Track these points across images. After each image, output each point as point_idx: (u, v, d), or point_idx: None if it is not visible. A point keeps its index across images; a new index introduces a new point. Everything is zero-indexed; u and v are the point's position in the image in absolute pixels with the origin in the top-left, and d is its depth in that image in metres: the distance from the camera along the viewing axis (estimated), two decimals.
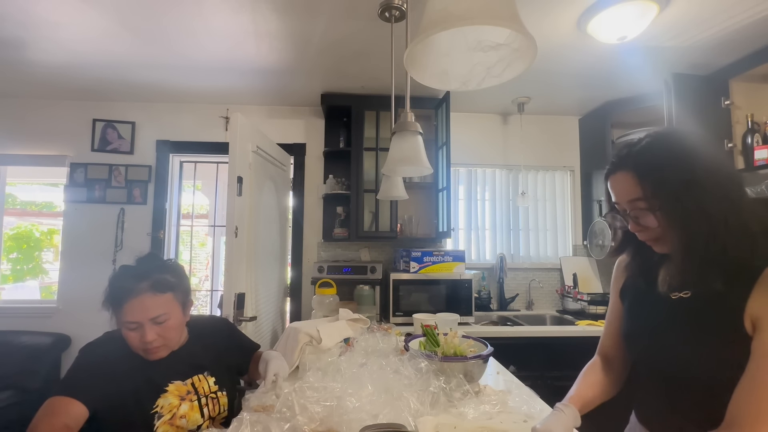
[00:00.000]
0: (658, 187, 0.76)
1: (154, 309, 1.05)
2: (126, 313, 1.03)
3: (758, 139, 2.04)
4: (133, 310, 1.03)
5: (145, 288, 1.04)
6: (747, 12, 1.74)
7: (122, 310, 1.03)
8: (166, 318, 1.07)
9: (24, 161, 2.85)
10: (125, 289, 1.04)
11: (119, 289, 1.04)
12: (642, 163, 0.79)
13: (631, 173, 0.80)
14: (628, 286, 0.98)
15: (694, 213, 0.73)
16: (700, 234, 0.73)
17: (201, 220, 4.05)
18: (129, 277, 1.06)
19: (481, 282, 2.92)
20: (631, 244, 0.92)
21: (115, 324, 1.08)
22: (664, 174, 0.76)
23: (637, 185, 0.79)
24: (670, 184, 0.75)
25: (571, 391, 0.96)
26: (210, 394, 1.16)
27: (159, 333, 1.06)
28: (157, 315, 1.05)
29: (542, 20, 1.82)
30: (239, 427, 0.92)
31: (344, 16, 1.81)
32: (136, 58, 2.24)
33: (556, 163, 3.16)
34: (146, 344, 1.04)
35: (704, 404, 0.79)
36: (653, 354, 0.87)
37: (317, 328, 1.57)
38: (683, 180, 0.74)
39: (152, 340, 1.04)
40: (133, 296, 1.03)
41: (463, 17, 0.60)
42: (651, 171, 0.78)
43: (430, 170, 1.42)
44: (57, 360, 2.66)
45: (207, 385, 1.17)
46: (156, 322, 1.05)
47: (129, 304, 1.03)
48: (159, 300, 1.06)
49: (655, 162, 0.78)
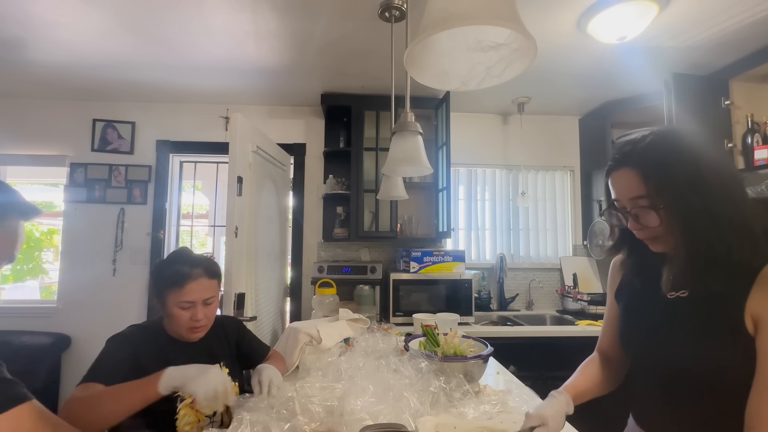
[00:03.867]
0: (662, 185, 0.76)
1: (207, 291, 1.19)
2: (185, 293, 1.15)
3: (758, 139, 2.04)
4: (192, 290, 1.15)
5: (200, 273, 1.18)
6: (747, 12, 1.74)
7: (182, 290, 1.14)
8: (213, 300, 1.22)
9: (24, 161, 2.85)
10: (184, 273, 1.16)
11: (179, 272, 1.16)
12: (646, 161, 0.78)
13: (634, 170, 0.79)
14: (624, 286, 0.98)
15: (699, 212, 0.72)
16: (705, 234, 0.72)
17: (201, 220, 4.05)
18: (185, 263, 1.19)
19: (481, 282, 2.92)
20: (628, 243, 0.92)
21: (160, 305, 1.18)
22: (669, 172, 0.75)
23: (641, 183, 0.78)
24: (675, 182, 0.74)
25: (568, 381, 0.99)
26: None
27: (206, 314, 1.19)
28: (208, 296, 1.19)
29: (542, 20, 1.82)
30: (239, 426, 0.92)
31: (344, 16, 1.81)
32: (136, 58, 2.24)
33: (556, 163, 3.16)
34: (196, 322, 1.17)
35: (702, 405, 0.79)
36: (650, 354, 0.87)
37: (317, 328, 1.57)
38: (688, 179, 0.74)
39: (202, 318, 1.18)
40: (192, 279, 1.16)
41: (463, 17, 0.60)
42: (655, 169, 0.77)
43: (430, 170, 1.42)
44: (57, 360, 2.66)
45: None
46: (206, 303, 1.19)
47: (189, 286, 1.15)
48: (210, 284, 1.21)
49: (660, 160, 0.77)
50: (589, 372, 1.01)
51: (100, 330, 1.16)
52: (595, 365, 1.02)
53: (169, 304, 1.16)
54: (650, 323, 0.87)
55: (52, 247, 3.95)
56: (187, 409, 1.08)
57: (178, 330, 1.19)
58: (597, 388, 0.99)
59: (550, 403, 0.89)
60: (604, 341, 1.05)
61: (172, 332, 1.23)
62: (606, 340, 1.05)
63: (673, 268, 0.79)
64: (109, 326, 1.15)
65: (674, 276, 0.80)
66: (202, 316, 1.18)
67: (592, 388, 0.98)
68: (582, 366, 1.04)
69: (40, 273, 3.90)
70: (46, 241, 3.93)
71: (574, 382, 0.98)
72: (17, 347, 2.54)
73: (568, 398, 0.91)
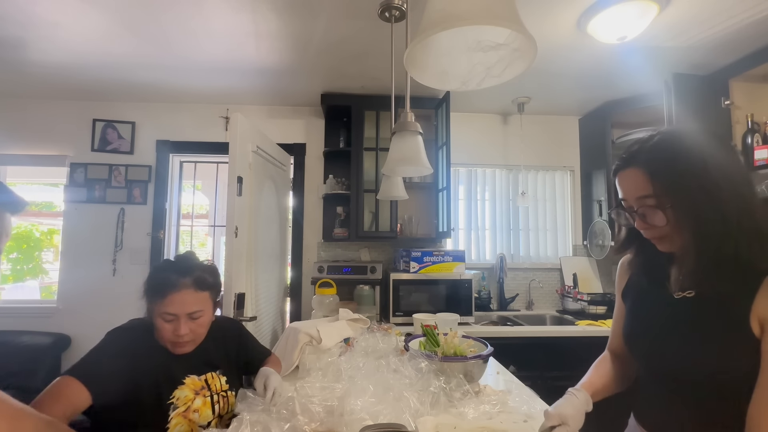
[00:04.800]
0: (670, 184, 0.75)
1: (193, 305, 1.10)
2: (166, 305, 1.07)
3: (758, 139, 2.04)
4: (173, 302, 1.07)
5: (187, 284, 1.09)
6: (747, 12, 1.74)
7: (163, 301, 1.07)
8: (201, 315, 1.12)
9: (24, 161, 2.85)
10: (169, 282, 1.08)
11: (163, 281, 1.09)
12: (654, 160, 0.78)
13: (641, 170, 0.79)
14: (631, 285, 0.98)
15: (708, 212, 0.72)
16: (713, 234, 0.72)
17: (201, 220, 4.05)
18: (173, 271, 1.10)
19: (481, 282, 2.92)
20: (635, 243, 0.91)
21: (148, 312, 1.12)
22: (676, 171, 0.75)
23: (648, 182, 0.78)
24: (683, 182, 0.74)
25: (584, 378, 0.98)
26: (221, 392, 1.18)
27: (192, 328, 1.11)
28: (194, 311, 1.10)
29: (542, 20, 1.82)
30: (239, 427, 0.92)
31: (344, 16, 1.81)
32: (136, 58, 2.24)
33: (556, 163, 3.16)
34: (178, 337, 1.08)
35: (705, 405, 0.79)
36: (654, 354, 0.86)
37: (317, 328, 1.57)
38: (697, 178, 0.73)
39: (185, 333, 1.09)
40: (176, 290, 1.08)
41: (463, 17, 0.60)
42: (663, 168, 0.76)
43: (430, 170, 1.42)
44: (57, 360, 2.65)
45: (219, 383, 1.19)
46: (191, 318, 1.10)
47: (171, 297, 1.07)
48: (198, 297, 1.11)
49: (667, 159, 0.77)
50: (604, 370, 1.00)
51: (100, 330, 1.15)
52: (609, 363, 1.02)
53: (153, 313, 1.10)
54: (655, 323, 0.87)
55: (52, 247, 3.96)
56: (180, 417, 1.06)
57: (163, 342, 1.12)
58: (612, 385, 0.98)
59: (571, 402, 0.86)
60: (614, 340, 1.05)
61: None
62: (616, 339, 1.04)
63: (682, 268, 0.79)
64: (109, 326, 1.13)
65: (683, 276, 0.79)
66: (185, 331, 1.08)
67: (608, 385, 0.98)
68: (596, 364, 1.03)
69: (40, 273, 3.90)
70: (46, 241, 3.93)
71: (590, 379, 0.97)
72: (17, 347, 2.54)
73: (587, 396, 0.89)
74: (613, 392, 0.98)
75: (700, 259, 0.74)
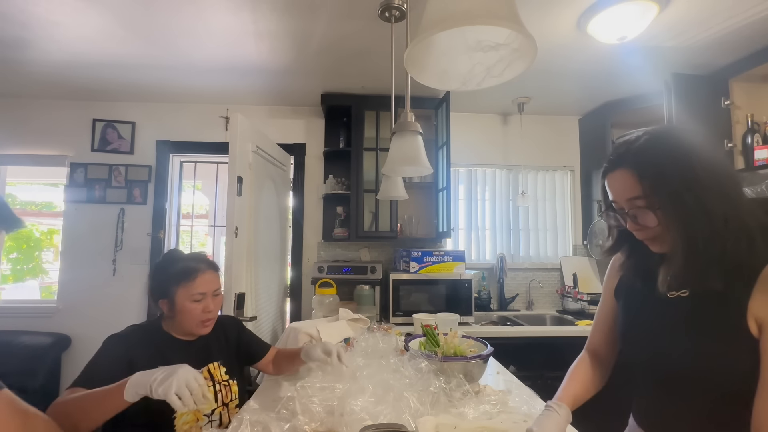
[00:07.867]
0: (658, 185, 0.75)
1: (215, 283, 1.26)
2: (197, 286, 1.19)
3: (758, 139, 2.04)
4: (203, 282, 1.21)
5: (206, 266, 1.24)
6: (747, 12, 1.74)
7: (194, 283, 1.19)
8: (220, 292, 1.28)
9: (24, 161, 2.85)
10: (192, 267, 1.21)
11: (188, 267, 1.21)
12: (641, 161, 0.78)
13: (630, 171, 0.79)
14: (624, 285, 0.98)
15: (695, 212, 0.72)
16: (701, 233, 0.72)
17: (201, 220, 4.04)
18: (189, 259, 1.24)
19: (481, 282, 2.92)
20: (627, 243, 0.91)
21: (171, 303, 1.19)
22: (664, 172, 0.75)
23: (636, 183, 0.78)
24: (671, 182, 0.74)
25: (561, 389, 0.96)
26: (222, 381, 1.25)
27: (215, 305, 1.25)
28: (216, 288, 1.25)
29: (542, 20, 1.82)
30: (239, 426, 0.92)
31: (344, 16, 1.81)
32: (136, 58, 2.24)
33: (556, 163, 3.16)
34: (209, 313, 1.21)
35: (703, 405, 0.79)
36: (651, 354, 0.86)
37: (317, 328, 1.57)
38: (684, 178, 0.73)
39: (214, 308, 1.23)
40: (201, 272, 1.22)
41: (463, 17, 0.60)
42: (650, 169, 0.77)
43: (430, 170, 1.42)
44: (57, 360, 2.66)
45: (219, 373, 1.26)
46: (215, 295, 1.25)
47: (200, 278, 1.20)
48: (215, 277, 1.27)
49: (654, 160, 0.77)
50: (582, 376, 1.00)
51: (100, 330, 1.16)
52: (586, 367, 1.02)
53: (179, 299, 1.18)
54: (651, 323, 0.87)
55: (52, 247, 3.95)
56: None
57: (190, 325, 1.21)
58: (590, 391, 0.98)
59: (552, 419, 0.85)
60: (596, 337, 1.05)
61: (174, 331, 1.23)
62: (598, 336, 1.05)
63: (669, 268, 0.79)
64: (109, 326, 1.15)
65: (671, 276, 0.79)
66: (213, 307, 1.23)
67: (587, 391, 0.98)
68: (572, 371, 1.02)
69: (40, 273, 3.89)
70: (46, 241, 3.93)
71: (569, 390, 0.96)
72: (17, 347, 2.54)
73: (568, 411, 0.88)
74: (591, 396, 0.98)
75: (688, 259, 0.74)
